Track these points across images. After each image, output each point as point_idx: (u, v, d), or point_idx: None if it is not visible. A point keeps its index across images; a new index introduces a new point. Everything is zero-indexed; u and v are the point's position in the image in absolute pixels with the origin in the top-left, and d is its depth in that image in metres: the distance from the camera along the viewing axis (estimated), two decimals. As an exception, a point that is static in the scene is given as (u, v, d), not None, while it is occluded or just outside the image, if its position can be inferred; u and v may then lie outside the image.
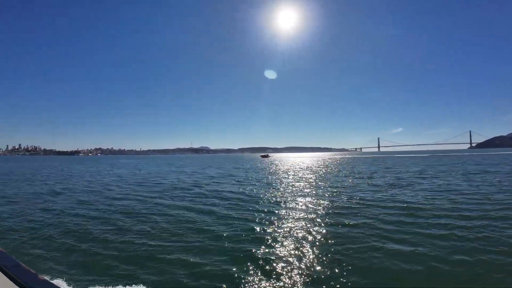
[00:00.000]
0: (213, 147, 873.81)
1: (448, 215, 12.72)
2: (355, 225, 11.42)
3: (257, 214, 13.76)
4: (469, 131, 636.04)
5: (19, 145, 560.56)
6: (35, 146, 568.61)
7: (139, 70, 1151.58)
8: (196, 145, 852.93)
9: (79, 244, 9.92)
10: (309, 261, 7.97)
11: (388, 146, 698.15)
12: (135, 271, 7.67)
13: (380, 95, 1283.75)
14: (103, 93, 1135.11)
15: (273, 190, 22.16)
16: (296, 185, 25.07)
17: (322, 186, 23.93)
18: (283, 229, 11.04)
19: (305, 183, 26.06)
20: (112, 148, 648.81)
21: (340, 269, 7.43)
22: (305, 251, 8.68)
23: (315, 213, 13.70)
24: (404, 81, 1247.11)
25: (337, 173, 37.23)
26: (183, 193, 21.15)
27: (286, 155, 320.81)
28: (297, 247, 9.00)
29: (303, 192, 20.72)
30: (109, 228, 11.89)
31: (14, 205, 17.23)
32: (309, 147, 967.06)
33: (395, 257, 8.19)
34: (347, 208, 14.77)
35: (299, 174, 37.94)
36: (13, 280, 1.47)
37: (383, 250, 8.74)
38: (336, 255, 8.39)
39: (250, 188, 23.48)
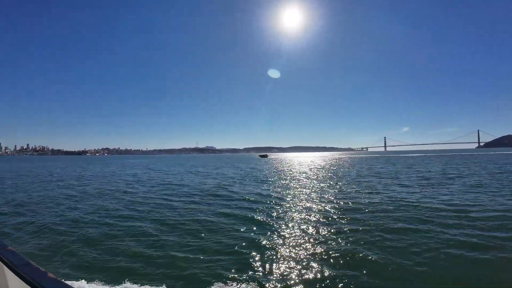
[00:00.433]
0: (218, 147, 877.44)
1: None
2: (421, 230, 11.01)
3: (317, 216, 13.45)
4: (477, 130, 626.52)
5: (27, 145, 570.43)
6: (43, 146, 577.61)
7: (145, 70, 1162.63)
8: (201, 145, 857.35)
9: (105, 246, 10.03)
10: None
11: (394, 145, 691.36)
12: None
13: (385, 94, 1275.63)
14: (110, 93, 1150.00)
15: (304, 192, 21.78)
16: (330, 186, 24.66)
17: (353, 187, 23.38)
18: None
19: (337, 185, 25.56)
20: (118, 148, 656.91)
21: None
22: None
23: (370, 215, 13.32)
24: (410, 80, 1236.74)
25: (358, 173, 36.59)
26: (213, 196, 20.61)
27: (292, 155, 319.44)
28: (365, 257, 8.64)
29: (346, 195, 19.98)
30: (138, 234, 11.43)
31: (35, 206, 17.39)
32: (314, 146, 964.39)
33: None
34: (393, 211, 14.27)
35: (321, 174, 37.39)
36: (23, 278, 1.47)
37: (467, 258, 8.31)
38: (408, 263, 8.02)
39: (278, 189, 23.13)
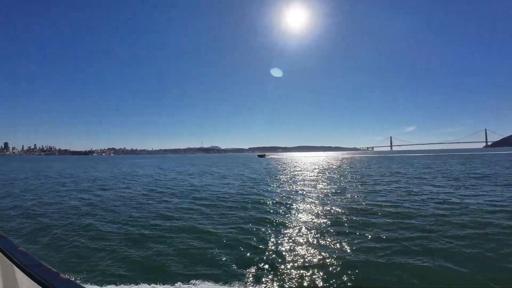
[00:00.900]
0: (223, 146, 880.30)
1: None
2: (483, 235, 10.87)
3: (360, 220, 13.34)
4: (485, 129, 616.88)
5: (35, 145, 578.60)
6: (50, 146, 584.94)
7: (151, 71, 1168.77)
8: (206, 145, 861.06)
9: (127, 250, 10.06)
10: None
11: (400, 145, 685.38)
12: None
13: (388, 94, 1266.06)
14: (115, 94, 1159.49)
15: (348, 195, 21.62)
16: (365, 189, 24.49)
17: (385, 188, 23.13)
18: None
19: (371, 186, 25.39)
20: (124, 148, 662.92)
21: None
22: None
23: (406, 219, 13.16)
24: (413, 79, 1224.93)
25: (381, 174, 36.10)
26: (243, 199, 20.44)
27: (298, 154, 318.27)
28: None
29: (386, 198, 19.68)
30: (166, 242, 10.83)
31: (48, 208, 17.52)
32: (319, 146, 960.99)
33: None
34: (448, 215, 13.98)
35: (341, 174, 37.17)
36: (34, 279, 1.46)
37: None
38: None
39: (318, 190, 23.06)
